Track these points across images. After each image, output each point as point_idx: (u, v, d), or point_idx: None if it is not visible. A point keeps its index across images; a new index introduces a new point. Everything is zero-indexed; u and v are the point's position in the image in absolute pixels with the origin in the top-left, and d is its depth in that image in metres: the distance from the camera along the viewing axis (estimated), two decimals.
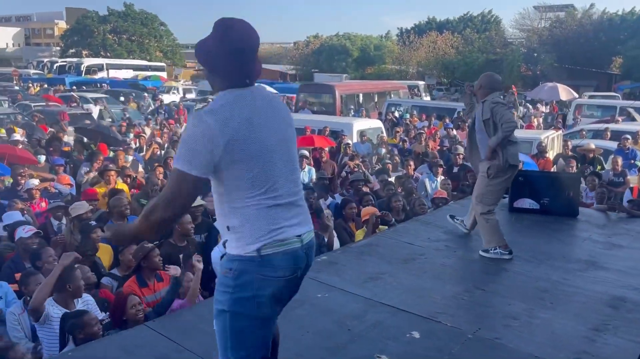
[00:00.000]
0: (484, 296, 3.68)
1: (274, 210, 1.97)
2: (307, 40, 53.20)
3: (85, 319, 3.32)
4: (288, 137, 2.09)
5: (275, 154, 1.99)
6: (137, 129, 12.31)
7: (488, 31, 46.05)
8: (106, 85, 29.08)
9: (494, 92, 4.46)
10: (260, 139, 1.94)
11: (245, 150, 1.90)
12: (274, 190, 1.97)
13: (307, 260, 2.08)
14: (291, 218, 2.02)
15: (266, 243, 1.94)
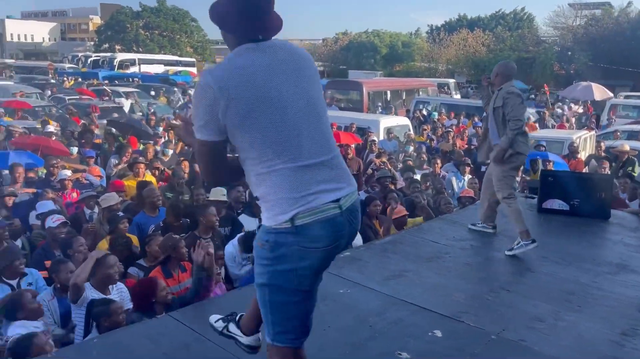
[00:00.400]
0: (509, 297, 3.62)
1: (301, 173, 1.80)
2: (336, 37, 53.11)
3: (112, 308, 3.39)
4: (311, 93, 1.89)
5: (294, 111, 1.81)
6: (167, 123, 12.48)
7: (520, 29, 45.18)
8: (138, 80, 29.58)
9: (509, 80, 4.50)
10: (270, 96, 1.78)
11: (253, 108, 1.75)
12: (296, 151, 1.80)
13: (350, 227, 1.89)
14: (323, 181, 1.83)
15: (298, 211, 1.78)
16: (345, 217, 1.86)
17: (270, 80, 1.79)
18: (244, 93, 1.75)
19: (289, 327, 1.93)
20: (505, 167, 4.43)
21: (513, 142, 4.34)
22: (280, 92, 1.80)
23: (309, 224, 1.80)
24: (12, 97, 16.45)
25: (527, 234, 4.34)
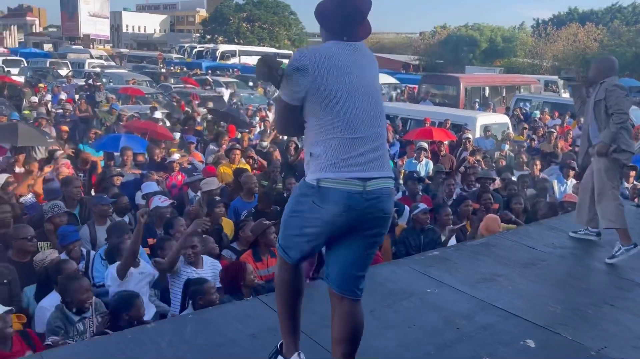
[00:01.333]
0: (613, 312, 3.35)
1: (348, 144, 2.16)
2: (434, 31, 51.85)
3: (205, 287, 3.58)
4: (371, 88, 2.30)
5: (357, 99, 2.21)
6: (262, 113, 12.90)
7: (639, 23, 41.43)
8: (237, 71, 30.77)
9: (612, 74, 4.20)
10: (343, 82, 2.19)
11: (330, 88, 2.17)
12: (350, 125, 2.17)
13: (370, 207, 2.16)
14: (361, 156, 2.16)
15: (326, 176, 2.15)
16: (365, 197, 2.15)
17: (350, 72, 2.23)
18: (326, 65, 2.20)
19: (291, 245, 2.32)
20: (609, 164, 4.12)
21: (617, 137, 4.02)
22: (353, 84, 2.22)
23: (327, 188, 2.15)
24: (125, 84, 17.83)
25: (628, 237, 4.02)
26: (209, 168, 7.05)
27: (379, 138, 2.24)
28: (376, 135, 2.23)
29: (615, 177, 4.25)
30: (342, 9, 2.26)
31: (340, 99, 2.17)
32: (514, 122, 13.93)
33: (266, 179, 6.87)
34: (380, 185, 2.18)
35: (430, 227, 5.35)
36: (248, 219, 5.03)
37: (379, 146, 2.22)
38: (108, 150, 8.01)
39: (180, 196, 6.16)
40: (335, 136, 2.16)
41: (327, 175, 2.15)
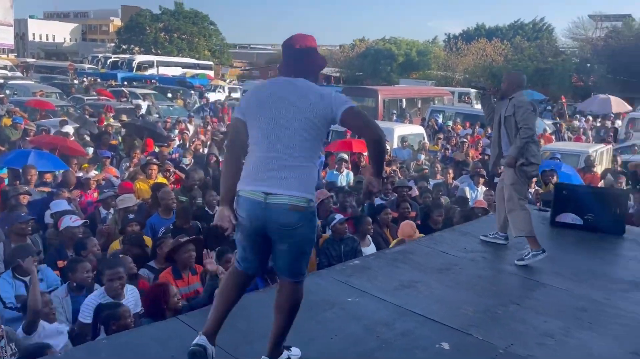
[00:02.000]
0: (520, 312, 3.58)
1: (260, 162, 2.56)
2: (353, 44, 53.19)
3: (120, 311, 3.42)
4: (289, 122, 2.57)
5: (267, 126, 2.58)
6: (182, 126, 12.61)
7: (539, 39, 44.85)
8: (155, 82, 29.90)
9: (520, 89, 4.52)
10: (260, 113, 2.61)
11: (254, 115, 2.63)
12: (264, 145, 2.57)
13: (266, 218, 2.52)
14: (265, 173, 2.53)
15: (242, 188, 2.56)
16: (264, 208, 2.51)
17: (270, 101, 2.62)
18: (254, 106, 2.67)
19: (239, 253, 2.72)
20: (517, 176, 4.41)
21: (524, 150, 4.33)
22: (271, 111, 2.60)
23: (241, 197, 2.57)
24: (32, 96, 16.75)
25: (537, 244, 4.31)
26: (125, 184, 6.78)
27: (287, 157, 2.54)
28: (287, 154, 2.54)
29: (524, 188, 4.57)
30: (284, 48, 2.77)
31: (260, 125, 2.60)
32: (429, 132, 14.56)
33: (185, 194, 6.70)
34: (278, 200, 2.50)
35: (349, 236, 5.45)
36: (166, 237, 4.88)
37: (284, 163, 2.53)
38: (16, 167, 7.48)
39: (92, 216, 5.86)
40: (256, 152, 2.59)
41: (243, 187, 2.56)
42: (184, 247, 4.30)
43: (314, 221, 2.62)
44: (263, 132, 2.57)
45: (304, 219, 2.53)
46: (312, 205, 2.56)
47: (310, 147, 2.58)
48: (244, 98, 2.85)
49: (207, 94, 25.76)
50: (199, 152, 9.65)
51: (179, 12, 55.01)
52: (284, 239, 2.56)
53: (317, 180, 2.68)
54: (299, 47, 2.69)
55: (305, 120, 2.55)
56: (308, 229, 2.58)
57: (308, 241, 2.64)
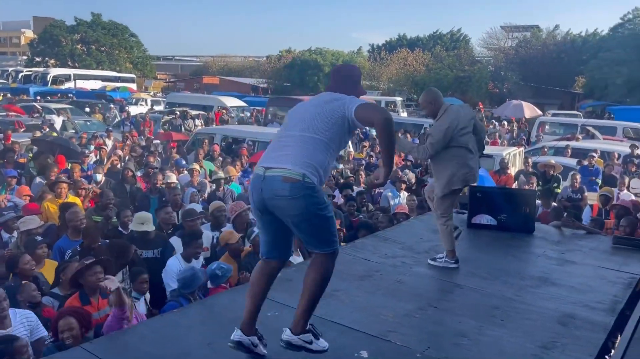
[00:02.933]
0: (436, 314, 3.64)
1: (271, 145, 2.90)
2: (280, 54, 53.37)
3: (16, 346, 3.13)
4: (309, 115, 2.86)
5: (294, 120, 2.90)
6: (99, 141, 12.03)
7: (457, 49, 47.03)
8: (72, 96, 28.49)
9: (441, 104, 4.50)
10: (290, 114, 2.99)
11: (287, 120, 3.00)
12: (281, 134, 2.91)
13: (262, 189, 2.72)
14: (272, 152, 2.81)
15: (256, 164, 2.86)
16: (262, 180, 2.73)
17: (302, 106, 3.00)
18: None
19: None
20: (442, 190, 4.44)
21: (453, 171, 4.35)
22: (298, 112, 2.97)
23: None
24: None
25: (453, 254, 4.44)
26: (30, 205, 6.32)
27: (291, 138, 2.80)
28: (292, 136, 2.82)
29: (450, 202, 4.53)
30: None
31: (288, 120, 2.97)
32: (355, 140, 14.79)
33: (100, 213, 6.35)
34: (272, 173, 2.70)
35: None
36: (71, 260, 4.57)
37: (288, 143, 2.79)
38: None
39: None
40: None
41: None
42: (90, 269, 4.03)
43: (314, 196, 2.69)
44: (285, 124, 2.94)
45: (298, 190, 2.65)
46: (307, 180, 2.67)
47: (317, 135, 2.76)
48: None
49: (129, 108, 24.82)
50: (116, 168, 9.22)
51: (97, 23, 52.88)
52: (284, 214, 2.73)
53: (326, 165, 2.79)
54: (344, 73, 3.10)
55: (322, 113, 2.82)
56: (306, 201, 2.67)
57: (313, 214, 2.71)
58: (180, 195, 6.98)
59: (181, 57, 79.31)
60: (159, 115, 20.57)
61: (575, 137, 15.29)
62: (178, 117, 18.58)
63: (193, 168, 8.67)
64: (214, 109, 24.00)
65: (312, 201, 2.68)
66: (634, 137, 17.58)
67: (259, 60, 60.08)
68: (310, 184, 2.68)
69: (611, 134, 17.76)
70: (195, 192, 7.30)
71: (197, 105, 23.82)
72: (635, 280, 4.27)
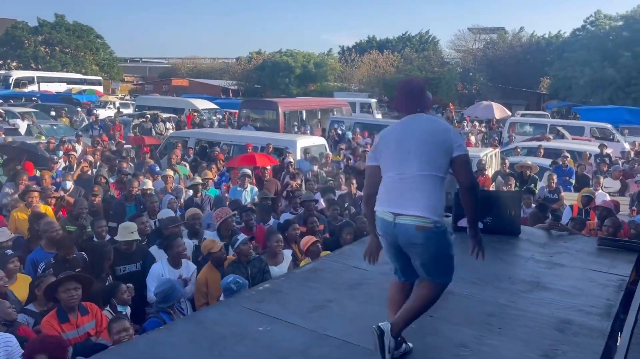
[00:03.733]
0: (433, 324, 3.54)
1: (389, 184, 2.92)
2: (250, 56, 52.98)
3: None
4: (421, 150, 2.87)
5: (398, 152, 2.91)
6: (67, 146, 11.62)
7: (426, 51, 47.57)
8: (36, 99, 27.60)
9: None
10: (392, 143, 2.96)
11: (384, 150, 2.99)
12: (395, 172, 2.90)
13: (397, 235, 2.88)
14: (394, 194, 2.88)
15: (377, 209, 2.97)
16: (392, 226, 2.87)
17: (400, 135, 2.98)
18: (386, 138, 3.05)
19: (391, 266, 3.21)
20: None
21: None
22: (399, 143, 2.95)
23: (377, 216, 2.99)
24: None
25: None
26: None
27: (407, 180, 2.85)
28: (405, 177, 2.86)
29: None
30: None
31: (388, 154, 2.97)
32: (330, 142, 14.71)
33: (73, 223, 6.08)
34: (404, 220, 2.81)
35: (255, 257, 5.22)
36: (46, 275, 4.33)
37: (405, 185, 2.85)
38: None
39: None
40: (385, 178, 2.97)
41: (377, 208, 2.97)
42: (63, 285, 3.80)
43: (445, 237, 2.89)
44: (392, 159, 2.92)
45: (431, 237, 2.82)
46: (438, 225, 2.83)
47: (435, 172, 2.84)
48: (374, 146, 3.11)
49: (96, 111, 24.17)
50: (87, 175, 8.88)
51: (60, 24, 51.47)
52: (415, 255, 2.90)
53: (443, 202, 2.91)
54: (416, 84, 3.08)
55: (430, 146, 2.86)
56: (439, 245, 2.87)
57: (442, 255, 2.92)
58: (157, 202, 6.75)
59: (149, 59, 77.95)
60: (129, 118, 20.07)
61: (546, 137, 15.56)
62: (149, 121, 18.16)
63: (167, 175, 8.42)
64: (185, 112, 23.60)
65: (443, 244, 2.90)
66: (600, 136, 18.02)
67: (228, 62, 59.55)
68: (442, 228, 2.86)
69: (579, 134, 18.17)
70: (174, 199, 7.08)
71: (168, 108, 23.40)
72: (624, 281, 4.29)
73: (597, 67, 32.62)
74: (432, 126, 2.94)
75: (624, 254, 4.96)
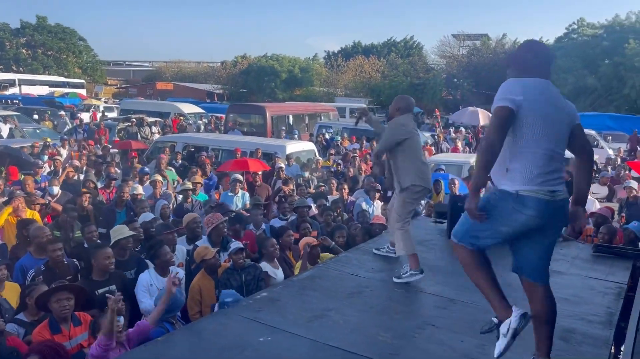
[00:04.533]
0: (436, 333, 3.51)
1: (542, 159, 2.65)
2: (235, 60, 52.80)
3: None
4: (561, 118, 2.74)
5: (550, 123, 2.67)
6: (52, 150, 11.40)
7: (411, 56, 47.86)
8: (18, 102, 27.13)
9: (405, 112, 4.54)
10: (544, 108, 2.67)
11: (535, 111, 2.65)
12: (544, 143, 2.65)
13: (553, 215, 2.68)
14: (551, 172, 2.66)
15: (527, 188, 2.63)
16: (552, 205, 2.65)
17: (549, 102, 2.72)
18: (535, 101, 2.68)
19: (482, 236, 2.87)
20: (408, 199, 4.42)
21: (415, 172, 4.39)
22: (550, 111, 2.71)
23: (527, 196, 2.64)
24: None
25: (417, 263, 4.32)
26: None
27: (560, 157, 2.72)
28: (559, 152, 2.72)
29: (408, 212, 4.49)
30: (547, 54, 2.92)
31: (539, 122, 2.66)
32: (318, 147, 14.66)
33: (59, 228, 5.93)
34: (561, 197, 2.69)
35: (249, 264, 5.14)
36: (37, 283, 4.19)
37: (559, 161, 2.71)
38: None
39: None
40: (536, 149, 2.65)
41: (526, 187, 2.64)
42: (55, 295, 3.68)
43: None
44: (543, 131, 2.66)
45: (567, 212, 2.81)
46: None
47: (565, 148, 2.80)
48: (516, 91, 2.68)
49: (80, 114, 23.82)
50: (73, 180, 8.70)
51: (43, 26, 50.77)
52: (556, 233, 2.86)
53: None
54: (548, 51, 2.96)
55: (567, 123, 2.78)
56: (565, 221, 2.91)
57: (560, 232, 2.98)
58: (148, 208, 6.62)
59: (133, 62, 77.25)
60: (114, 122, 19.80)
61: None
62: (134, 124, 17.94)
63: (156, 180, 8.28)
64: (171, 116, 23.38)
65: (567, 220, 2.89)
66: None
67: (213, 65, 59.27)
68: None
69: None
70: (167, 205, 6.94)
71: (153, 112, 23.15)
72: (622, 289, 4.30)
73: (580, 74, 33.11)
74: (565, 102, 2.84)
75: (619, 261, 4.98)
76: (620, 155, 15.69)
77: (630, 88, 32.08)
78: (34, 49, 50.08)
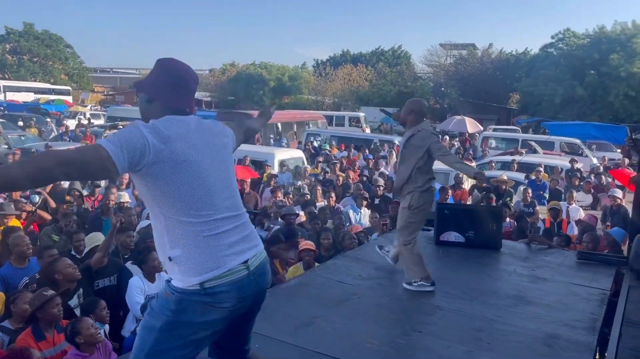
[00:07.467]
0: (423, 340, 3.53)
1: (214, 239, 1.98)
2: (223, 68, 52.78)
3: None
4: (223, 158, 2.13)
5: (210, 175, 2.01)
6: None
7: (399, 65, 48.22)
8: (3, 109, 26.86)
9: (425, 118, 4.47)
10: (193, 158, 1.96)
11: (177, 164, 1.91)
12: (211, 213, 1.98)
13: (257, 286, 2.10)
14: (234, 244, 2.03)
15: (209, 277, 1.96)
16: (251, 278, 2.06)
17: (198, 146, 2.00)
18: (177, 150, 1.92)
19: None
20: (414, 212, 4.35)
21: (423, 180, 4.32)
22: (204, 158, 2.01)
23: (217, 286, 1.97)
24: None
25: (428, 277, 4.32)
26: None
27: (239, 214, 2.12)
28: (235, 209, 2.11)
29: (415, 229, 4.40)
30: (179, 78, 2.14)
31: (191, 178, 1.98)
32: (307, 155, 14.68)
33: (57, 233, 5.90)
34: (259, 259, 2.14)
35: None
36: (23, 290, 4.14)
37: (240, 220, 2.11)
38: None
39: None
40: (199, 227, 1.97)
41: (209, 275, 1.97)
42: (51, 302, 3.67)
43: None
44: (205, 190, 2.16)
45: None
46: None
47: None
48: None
49: (66, 121, 23.61)
50: (59, 187, 8.61)
51: (29, 33, 50.39)
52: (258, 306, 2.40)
53: None
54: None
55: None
56: None
57: None
58: (135, 215, 6.58)
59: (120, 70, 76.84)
60: (100, 129, 19.67)
61: (519, 152, 15.86)
62: None
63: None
64: None
65: None
66: (569, 151, 18.48)
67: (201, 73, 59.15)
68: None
69: (550, 148, 18.59)
70: None
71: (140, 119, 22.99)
72: (606, 296, 4.35)
73: (568, 84, 33.60)
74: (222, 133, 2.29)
75: (603, 268, 5.05)
76: (604, 164, 15.91)
77: (615, 97, 32.62)
78: (20, 55, 49.64)
